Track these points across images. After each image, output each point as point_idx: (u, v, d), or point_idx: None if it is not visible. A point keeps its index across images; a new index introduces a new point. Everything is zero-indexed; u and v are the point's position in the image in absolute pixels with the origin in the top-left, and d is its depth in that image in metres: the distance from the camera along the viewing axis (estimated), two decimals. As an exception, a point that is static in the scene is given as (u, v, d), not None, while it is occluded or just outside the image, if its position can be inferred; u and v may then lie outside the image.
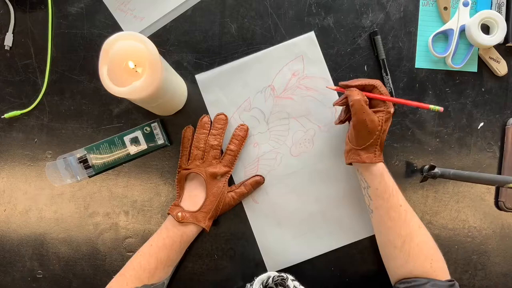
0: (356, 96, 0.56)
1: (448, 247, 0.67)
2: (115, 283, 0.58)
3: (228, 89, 0.67)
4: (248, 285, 0.56)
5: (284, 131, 0.66)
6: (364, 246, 0.67)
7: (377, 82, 0.58)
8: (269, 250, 0.66)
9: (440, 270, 0.56)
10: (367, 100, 0.57)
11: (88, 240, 0.67)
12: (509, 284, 0.68)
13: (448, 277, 0.56)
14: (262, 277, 0.56)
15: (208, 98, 0.67)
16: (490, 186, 0.68)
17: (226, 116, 0.65)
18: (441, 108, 0.56)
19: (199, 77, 0.67)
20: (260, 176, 0.66)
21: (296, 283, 0.55)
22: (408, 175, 0.67)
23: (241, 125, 0.66)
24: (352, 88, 0.58)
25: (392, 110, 0.57)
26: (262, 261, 0.66)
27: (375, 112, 0.57)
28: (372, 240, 0.66)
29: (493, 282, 0.68)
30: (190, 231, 0.61)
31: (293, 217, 0.66)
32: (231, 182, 0.66)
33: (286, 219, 0.66)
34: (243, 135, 0.65)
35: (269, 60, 0.66)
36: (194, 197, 0.63)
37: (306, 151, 0.66)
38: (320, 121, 0.66)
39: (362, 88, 0.58)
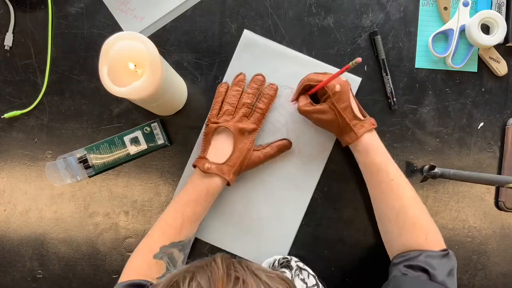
0: (299, 107, 0.62)
1: (448, 247, 0.67)
2: (144, 244, 0.59)
3: (259, 62, 0.67)
4: None
5: (269, 131, 0.66)
6: (365, 246, 0.67)
7: (308, 78, 0.61)
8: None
9: (435, 242, 0.57)
10: (310, 101, 0.61)
11: (88, 240, 0.67)
12: (509, 284, 0.68)
13: (443, 247, 0.57)
14: (269, 260, 0.58)
15: (238, 56, 0.67)
16: (490, 186, 0.68)
17: (264, 77, 0.65)
18: (358, 59, 0.51)
19: (248, 33, 0.67)
20: (287, 140, 0.65)
21: (300, 264, 0.55)
22: (408, 175, 0.67)
23: (271, 84, 0.66)
24: (299, 98, 0.63)
25: (336, 88, 0.58)
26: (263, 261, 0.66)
27: (324, 100, 0.60)
28: (372, 239, 0.66)
29: (493, 282, 0.68)
30: (215, 184, 0.60)
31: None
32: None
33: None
34: (272, 94, 0.65)
35: (310, 70, 0.65)
36: (220, 150, 0.62)
37: (274, 161, 0.66)
38: (305, 148, 0.66)
39: (304, 91, 0.62)
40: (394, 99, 0.67)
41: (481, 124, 0.68)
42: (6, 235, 0.68)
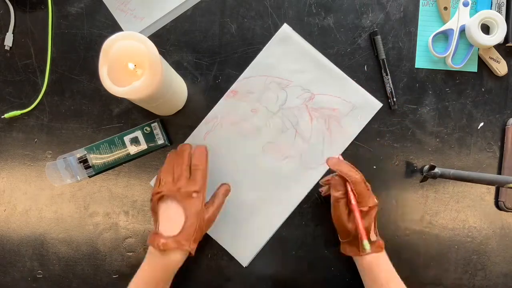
0: (334, 192, 0.57)
1: (448, 247, 0.67)
2: None
3: (287, 59, 0.67)
4: None
5: (278, 130, 0.66)
6: (364, 246, 0.67)
7: (355, 180, 0.56)
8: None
9: None
10: (344, 196, 0.57)
11: (88, 240, 0.67)
12: (509, 284, 0.68)
13: None
14: None
15: (270, 48, 0.67)
16: (490, 186, 0.68)
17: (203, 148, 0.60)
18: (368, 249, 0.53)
19: (287, 28, 0.66)
20: (227, 184, 0.62)
21: None
22: (408, 175, 0.67)
23: (198, 146, 0.61)
24: (336, 177, 0.58)
25: (365, 208, 0.55)
26: (262, 261, 0.66)
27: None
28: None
29: (493, 282, 0.68)
30: (174, 260, 0.55)
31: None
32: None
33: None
34: (202, 150, 0.60)
35: (335, 81, 0.65)
36: (172, 220, 0.56)
37: (274, 159, 0.66)
38: (308, 158, 0.66)
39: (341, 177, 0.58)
40: (394, 99, 0.67)
41: (481, 124, 0.68)
42: (6, 235, 0.68)
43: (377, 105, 0.67)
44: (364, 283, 0.60)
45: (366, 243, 0.53)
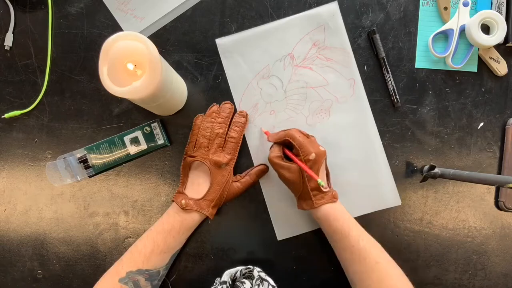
0: (270, 157, 0.61)
1: (448, 247, 0.67)
2: (113, 268, 0.59)
3: (247, 55, 0.67)
4: (217, 279, 0.57)
5: (301, 101, 0.67)
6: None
7: (291, 135, 0.59)
8: (279, 218, 0.66)
9: None
10: (282, 155, 0.60)
11: (88, 240, 0.67)
12: (509, 284, 0.68)
13: None
14: (231, 271, 0.58)
15: (227, 63, 0.67)
16: (490, 186, 0.68)
17: (232, 104, 0.66)
18: (326, 186, 0.57)
19: (220, 41, 0.67)
20: (264, 165, 0.66)
21: (262, 274, 0.56)
22: (408, 175, 0.67)
23: (240, 111, 0.66)
24: (273, 145, 0.62)
25: (311, 156, 0.57)
26: (262, 261, 0.66)
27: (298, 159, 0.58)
28: (372, 240, 0.66)
29: (493, 282, 0.68)
30: (192, 219, 0.61)
31: None
32: (243, 168, 0.66)
33: None
34: (243, 122, 0.65)
35: (290, 28, 0.67)
36: (197, 185, 0.63)
37: (322, 122, 0.67)
38: (337, 92, 0.67)
39: (282, 142, 0.61)
40: (397, 96, 0.66)
41: (481, 124, 0.68)
42: (6, 235, 0.68)
43: (334, 6, 0.66)
44: (326, 235, 0.61)
45: (320, 181, 0.55)
